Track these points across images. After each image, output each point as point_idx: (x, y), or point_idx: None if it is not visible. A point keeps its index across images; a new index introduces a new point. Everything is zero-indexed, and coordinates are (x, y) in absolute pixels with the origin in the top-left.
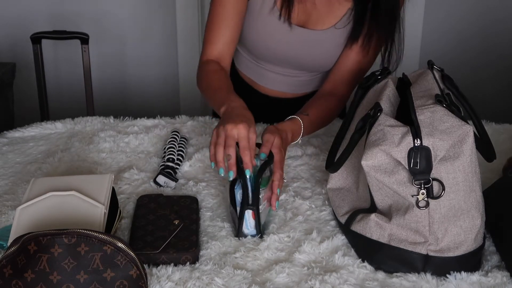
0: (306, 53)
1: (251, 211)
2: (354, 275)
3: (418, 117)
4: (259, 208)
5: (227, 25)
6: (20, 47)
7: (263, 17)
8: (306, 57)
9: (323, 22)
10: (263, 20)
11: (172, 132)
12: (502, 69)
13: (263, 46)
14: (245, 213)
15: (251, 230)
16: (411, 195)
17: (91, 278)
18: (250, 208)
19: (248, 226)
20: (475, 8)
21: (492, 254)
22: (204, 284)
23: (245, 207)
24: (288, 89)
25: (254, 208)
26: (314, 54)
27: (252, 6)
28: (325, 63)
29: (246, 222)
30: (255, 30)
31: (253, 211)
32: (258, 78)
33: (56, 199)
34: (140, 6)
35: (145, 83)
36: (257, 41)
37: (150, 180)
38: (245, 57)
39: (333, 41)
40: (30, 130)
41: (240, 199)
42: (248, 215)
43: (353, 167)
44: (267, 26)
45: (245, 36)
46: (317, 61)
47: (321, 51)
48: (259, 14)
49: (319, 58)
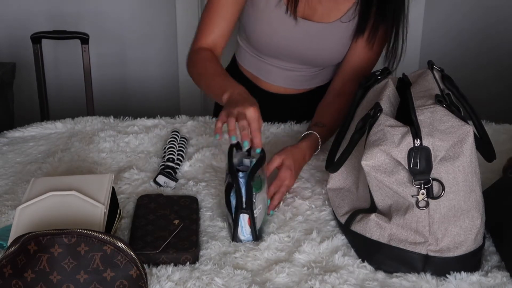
0: (311, 47)
1: (247, 216)
2: (354, 275)
3: (418, 117)
4: (254, 212)
5: (223, 17)
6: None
7: (269, 10)
8: (311, 51)
9: (329, 16)
10: (269, 14)
11: (172, 132)
12: (502, 69)
13: (268, 40)
14: (240, 218)
15: (247, 237)
16: (411, 195)
17: (91, 278)
18: (244, 212)
19: (244, 232)
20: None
21: (492, 254)
22: (204, 284)
23: (239, 211)
24: (291, 84)
25: (249, 212)
26: (319, 47)
27: (257, 2)
28: (329, 57)
29: (242, 228)
30: (260, 24)
31: (248, 215)
32: (261, 73)
33: (56, 199)
34: (140, 6)
35: (145, 83)
36: (262, 35)
37: (150, 180)
38: (248, 52)
39: (338, 34)
40: (30, 130)
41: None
42: (244, 221)
43: (353, 167)
44: (273, 20)
45: (250, 30)
46: (321, 55)
47: (326, 45)
48: (265, 8)
49: (323, 52)
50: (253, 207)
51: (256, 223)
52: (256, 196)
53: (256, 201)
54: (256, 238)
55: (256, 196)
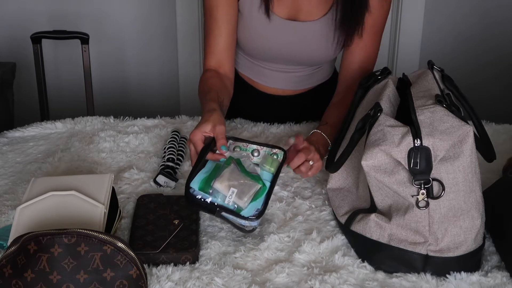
0: (301, 47)
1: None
2: (354, 275)
3: (418, 117)
4: (226, 202)
5: (219, 34)
6: (20, 47)
7: (252, 16)
8: (302, 51)
9: (314, 14)
10: (253, 19)
11: (172, 132)
12: (502, 70)
13: (257, 45)
14: (224, 216)
15: (246, 222)
16: (411, 195)
17: (91, 278)
18: (216, 214)
19: (240, 221)
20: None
21: (492, 254)
22: (204, 284)
23: (215, 215)
24: (287, 85)
25: (218, 211)
26: (309, 46)
27: (242, 7)
28: (321, 55)
29: (236, 219)
30: (247, 30)
31: (223, 212)
32: (256, 76)
33: (56, 199)
34: (140, 6)
35: (145, 83)
36: (250, 41)
37: (150, 180)
38: (243, 56)
39: (325, 31)
40: (30, 130)
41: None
42: (228, 215)
43: (353, 167)
44: (258, 24)
45: (239, 37)
46: (313, 54)
47: (316, 43)
48: (249, 14)
49: (314, 50)
50: (218, 201)
51: (239, 204)
52: (214, 187)
53: (220, 190)
54: (258, 215)
55: (214, 187)
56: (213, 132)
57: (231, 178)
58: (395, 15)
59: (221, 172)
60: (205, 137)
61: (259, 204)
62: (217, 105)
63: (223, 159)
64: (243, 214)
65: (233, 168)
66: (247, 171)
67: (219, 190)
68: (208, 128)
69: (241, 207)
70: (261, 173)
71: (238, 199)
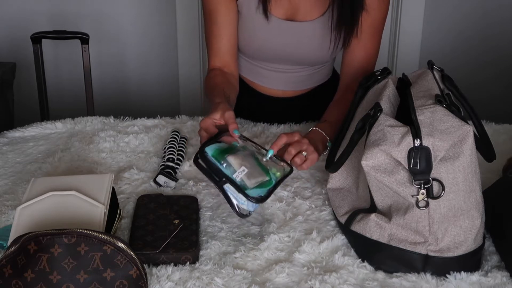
0: (300, 47)
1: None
2: (354, 275)
3: (418, 117)
4: (235, 175)
5: (221, 38)
6: (20, 47)
7: (250, 17)
8: (301, 51)
9: (312, 13)
10: (251, 20)
11: (172, 132)
12: (502, 70)
13: (255, 45)
14: (226, 190)
15: (248, 204)
16: (411, 195)
17: (91, 278)
18: (222, 182)
19: (241, 201)
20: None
21: (492, 254)
22: (204, 284)
23: (218, 185)
24: (287, 86)
25: (224, 180)
26: (308, 46)
27: (240, 9)
28: (318, 54)
29: (237, 198)
30: (245, 31)
31: (228, 183)
32: (256, 78)
33: (56, 199)
34: (140, 6)
35: (145, 83)
36: (249, 41)
37: (150, 180)
38: (242, 58)
39: (322, 31)
40: (30, 130)
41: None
42: (232, 190)
43: (353, 167)
44: (256, 24)
45: (239, 38)
46: (312, 54)
47: (314, 43)
48: (247, 15)
49: (313, 50)
50: (227, 173)
51: (246, 183)
52: (227, 160)
53: (232, 164)
54: (260, 199)
55: (227, 160)
56: (222, 118)
57: (244, 160)
58: (395, 15)
59: (237, 152)
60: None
61: (263, 192)
62: (223, 99)
63: (237, 143)
64: (247, 192)
65: (248, 154)
66: (260, 163)
67: (231, 163)
68: (217, 116)
69: (247, 186)
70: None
71: (246, 178)
